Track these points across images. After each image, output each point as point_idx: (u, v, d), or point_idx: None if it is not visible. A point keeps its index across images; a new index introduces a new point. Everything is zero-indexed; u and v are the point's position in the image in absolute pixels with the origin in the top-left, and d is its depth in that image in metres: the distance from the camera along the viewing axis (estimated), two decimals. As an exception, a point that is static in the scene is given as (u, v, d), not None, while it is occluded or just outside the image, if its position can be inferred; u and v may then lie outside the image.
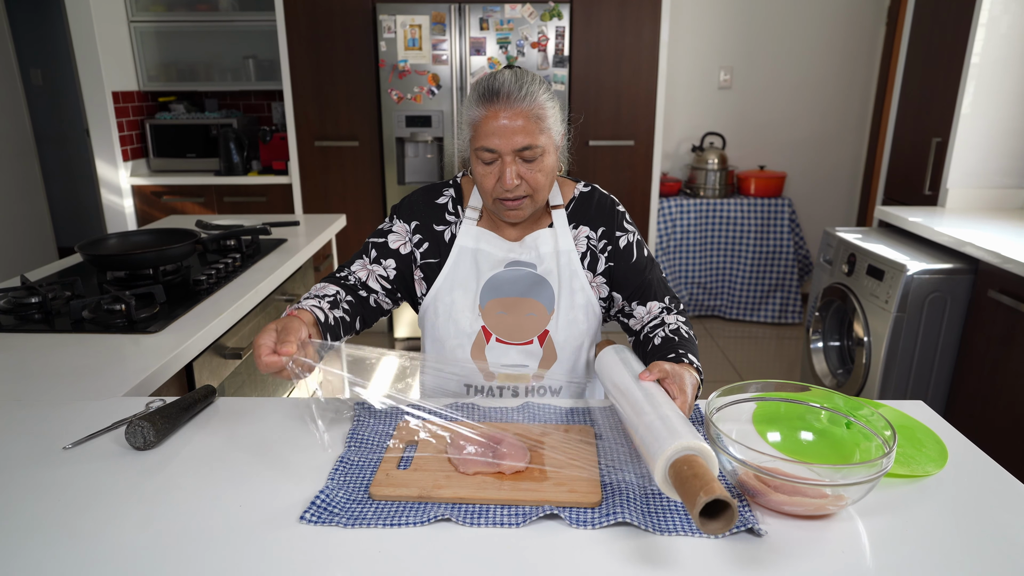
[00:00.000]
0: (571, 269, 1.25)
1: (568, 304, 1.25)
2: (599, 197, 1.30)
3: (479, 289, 1.25)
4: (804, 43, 4.03)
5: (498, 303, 1.25)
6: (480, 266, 1.25)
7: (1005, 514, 0.83)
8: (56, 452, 0.96)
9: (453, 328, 1.25)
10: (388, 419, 1.07)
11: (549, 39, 3.32)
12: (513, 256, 1.25)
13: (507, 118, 1.11)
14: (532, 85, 1.14)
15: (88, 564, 0.74)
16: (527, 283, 1.25)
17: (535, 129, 1.13)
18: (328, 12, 3.39)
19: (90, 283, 1.74)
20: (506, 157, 1.13)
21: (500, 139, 1.12)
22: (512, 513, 0.83)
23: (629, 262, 1.27)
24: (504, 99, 1.11)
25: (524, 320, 1.25)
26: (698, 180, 3.98)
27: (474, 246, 1.25)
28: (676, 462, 0.76)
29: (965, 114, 2.62)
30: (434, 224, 1.27)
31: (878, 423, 0.89)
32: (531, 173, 1.15)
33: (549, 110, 1.15)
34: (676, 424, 0.83)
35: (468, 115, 1.16)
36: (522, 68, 1.20)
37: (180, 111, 3.91)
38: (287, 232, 2.31)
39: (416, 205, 1.29)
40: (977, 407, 2.13)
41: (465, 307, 1.24)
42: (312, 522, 0.80)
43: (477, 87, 1.15)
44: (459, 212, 1.28)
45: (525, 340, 1.25)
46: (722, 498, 0.69)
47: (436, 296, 1.26)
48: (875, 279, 2.32)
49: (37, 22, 4.92)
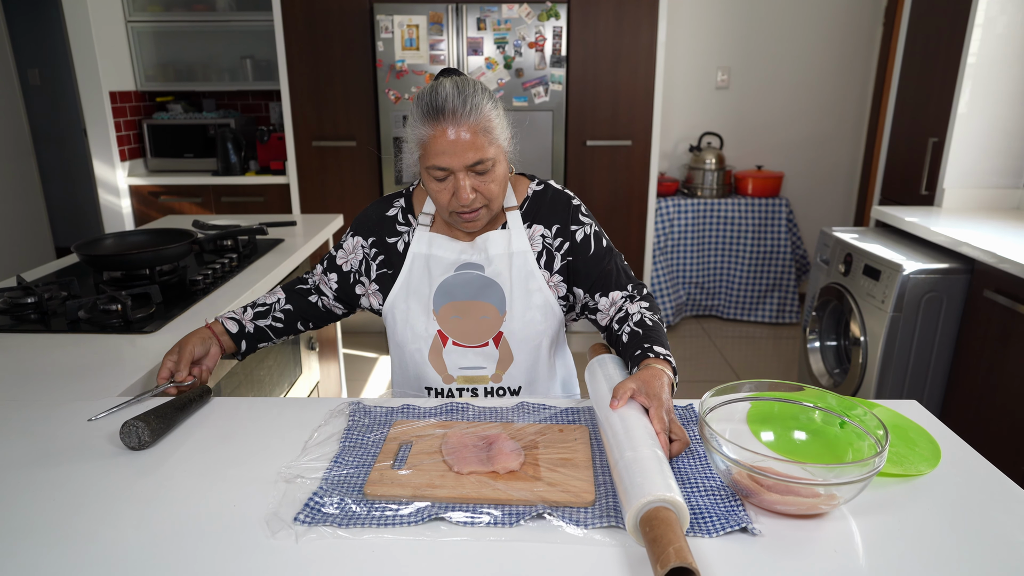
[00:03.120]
0: (526, 270, 1.25)
1: (523, 305, 1.25)
2: (552, 194, 1.30)
3: (432, 294, 1.26)
4: (801, 43, 4.03)
5: (452, 307, 1.26)
6: (432, 271, 1.26)
7: (997, 513, 0.84)
8: (51, 452, 0.96)
9: (410, 333, 1.27)
10: (383, 419, 1.07)
11: (547, 39, 3.32)
12: (464, 258, 1.26)
13: (455, 135, 1.11)
14: (476, 97, 1.12)
15: (83, 564, 0.74)
16: (477, 286, 1.25)
17: (484, 142, 1.12)
18: (325, 12, 3.39)
19: (86, 283, 1.74)
20: (459, 174, 1.14)
21: (451, 157, 1.12)
22: (506, 513, 0.83)
23: (587, 254, 1.26)
24: (450, 116, 1.10)
25: (478, 323, 1.25)
26: (695, 180, 3.98)
27: (427, 252, 1.27)
28: (643, 519, 0.74)
29: (961, 114, 2.62)
30: (387, 237, 1.30)
31: (871, 422, 0.89)
32: (485, 184, 1.16)
33: (495, 119, 1.14)
34: (649, 469, 0.80)
35: (414, 133, 1.15)
36: (463, 75, 1.18)
37: (177, 111, 3.91)
38: (284, 232, 2.32)
39: (369, 221, 1.32)
40: (973, 407, 2.14)
41: (420, 312, 1.26)
42: (307, 522, 0.81)
43: (420, 103, 1.13)
44: (410, 221, 1.30)
45: (480, 343, 1.26)
46: (678, 565, 0.66)
47: (393, 304, 1.28)
48: (871, 279, 2.33)
49: (34, 22, 4.92)
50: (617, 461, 0.85)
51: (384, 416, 1.08)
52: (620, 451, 0.86)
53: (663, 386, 0.98)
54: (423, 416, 1.08)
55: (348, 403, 1.12)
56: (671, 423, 0.94)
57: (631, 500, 0.76)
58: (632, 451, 0.84)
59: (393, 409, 1.10)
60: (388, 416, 1.08)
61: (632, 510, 0.75)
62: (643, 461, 0.82)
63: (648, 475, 0.79)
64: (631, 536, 0.77)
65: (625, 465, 0.82)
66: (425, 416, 1.08)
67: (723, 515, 0.82)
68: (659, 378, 1.00)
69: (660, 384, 0.98)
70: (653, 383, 0.98)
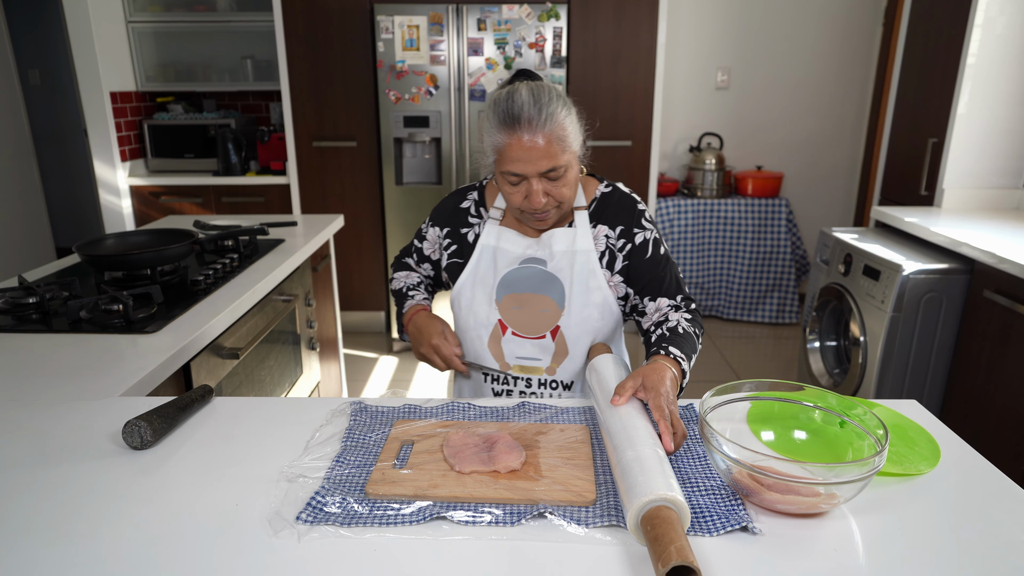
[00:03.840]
0: (588, 268, 1.29)
1: (581, 302, 1.28)
2: (619, 196, 1.34)
3: (495, 284, 1.31)
4: (801, 44, 4.04)
5: (513, 298, 1.31)
6: (498, 263, 1.32)
7: (997, 512, 0.84)
8: (53, 452, 0.97)
9: (472, 320, 1.33)
10: (384, 418, 1.07)
11: (547, 40, 3.32)
12: (529, 253, 1.31)
13: (530, 144, 1.14)
14: (550, 105, 1.15)
15: (84, 564, 0.74)
16: (539, 280, 1.30)
17: (557, 150, 1.16)
18: (326, 13, 3.39)
19: (88, 283, 1.74)
20: (532, 179, 1.18)
21: (525, 164, 1.16)
22: (507, 512, 0.83)
23: (643, 258, 1.30)
24: (525, 125, 1.14)
25: (537, 315, 1.30)
26: (695, 180, 3.99)
27: (495, 244, 1.33)
28: (644, 518, 0.74)
29: (961, 115, 2.62)
30: (460, 228, 1.38)
31: (871, 422, 0.89)
32: (557, 189, 1.20)
33: (569, 127, 1.18)
34: (650, 468, 0.80)
35: (490, 140, 1.19)
36: (537, 82, 1.21)
37: (178, 111, 3.91)
38: (285, 232, 2.32)
39: (445, 211, 1.40)
40: (973, 407, 2.14)
41: (483, 301, 1.32)
42: (308, 522, 0.81)
43: (496, 110, 1.17)
44: (482, 214, 1.36)
45: (538, 334, 1.31)
46: (680, 564, 0.66)
47: (460, 291, 1.35)
48: (871, 279, 2.33)
49: (35, 22, 4.92)
50: (618, 460, 0.85)
51: (385, 416, 1.08)
52: (621, 450, 0.86)
53: (662, 379, 1.00)
54: (424, 416, 1.08)
55: (349, 403, 1.13)
56: (672, 415, 0.95)
57: (632, 499, 0.77)
58: (633, 450, 0.85)
59: (394, 409, 1.10)
60: (389, 416, 1.08)
61: (633, 509, 0.76)
62: (644, 460, 0.82)
63: (649, 474, 0.79)
64: (632, 535, 0.77)
65: (626, 464, 0.83)
66: (426, 416, 1.08)
67: (723, 514, 0.82)
68: (659, 372, 1.01)
69: (659, 377, 1.00)
70: (652, 376, 1.00)
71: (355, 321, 3.92)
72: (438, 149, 3.51)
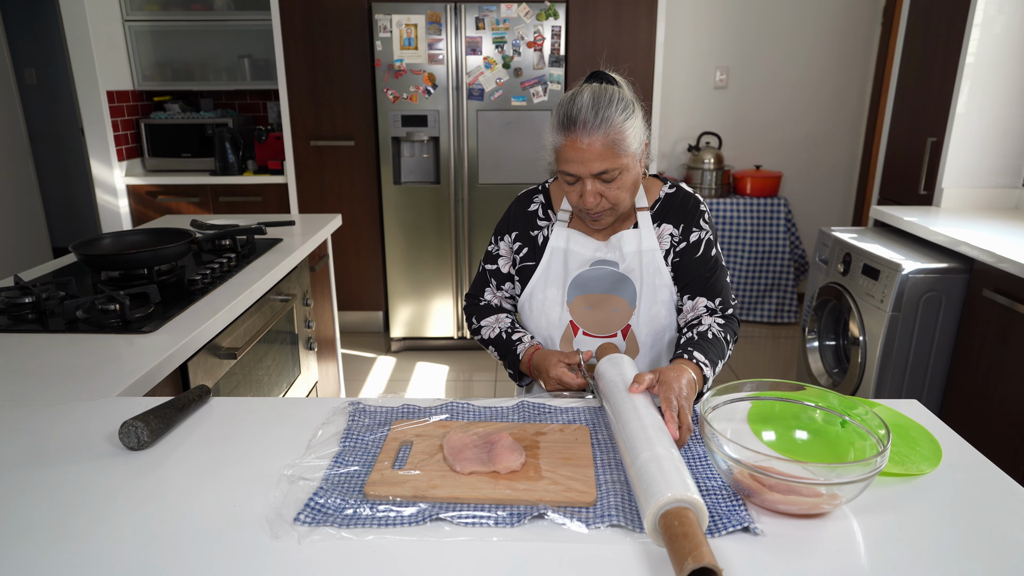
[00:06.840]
0: (654, 266, 1.32)
1: (650, 300, 1.31)
2: (683, 196, 1.36)
3: (567, 286, 1.34)
4: (800, 43, 4.04)
5: (584, 299, 1.34)
6: (569, 265, 1.35)
7: (999, 512, 0.84)
8: (49, 452, 0.96)
9: (544, 321, 1.36)
10: (383, 419, 1.06)
11: (545, 39, 3.32)
12: (599, 255, 1.33)
13: (585, 145, 1.17)
14: (609, 109, 1.17)
15: (81, 564, 0.74)
16: (611, 281, 1.33)
17: (611, 154, 1.18)
18: (323, 11, 3.38)
19: (84, 283, 1.73)
20: (585, 180, 1.21)
21: (578, 165, 1.19)
22: (507, 513, 0.82)
23: (693, 256, 1.32)
24: (581, 128, 1.17)
25: (609, 315, 1.33)
26: (694, 180, 3.98)
27: (564, 246, 1.35)
28: (666, 515, 0.73)
29: (960, 114, 2.62)
30: (529, 231, 1.40)
31: (872, 422, 0.89)
32: (610, 191, 1.23)
33: (628, 130, 1.19)
34: (668, 469, 0.80)
35: (550, 139, 1.24)
36: (604, 83, 1.24)
37: (175, 111, 3.90)
38: (282, 232, 2.31)
39: (513, 218, 1.42)
40: (972, 406, 2.14)
41: (555, 303, 1.35)
42: (307, 523, 0.80)
43: (558, 111, 1.21)
44: (550, 216, 1.39)
45: (610, 334, 1.33)
46: (710, 566, 0.66)
47: (531, 293, 1.38)
48: (870, 278, 2.33)
49: (31, 21, 4.90)
50: (633, 461, 0.85)
51: (384, 416, 1.07)
52: (636, 451, 0.86)
53: (678, 377, 1.01)
54: (423, 416, 1.08)
55: (348, 403, 1.12)
56: (680, 409, 0.96)
57: (653, 496, 0.76)
58: (649, 450, 0.84)
59: (393, 409, 1.10)
60: (388, 416, 1.07)
61: (655, 506, 0.75)
62: (661, 460, 0.82)
63: (667, 474, 0.79)
64: (647, 531, 0.76)
65: (643, 464, 0.83)
66: (425, 416, 1.08)
67: (725, 515, 0.82)
68: (677, 371, 1.03)
69: (676, 375, 1.01)
70: (669, 373, 1.02)
71: (353, 321, 3.92)
72: (436, 148, 3.50)
